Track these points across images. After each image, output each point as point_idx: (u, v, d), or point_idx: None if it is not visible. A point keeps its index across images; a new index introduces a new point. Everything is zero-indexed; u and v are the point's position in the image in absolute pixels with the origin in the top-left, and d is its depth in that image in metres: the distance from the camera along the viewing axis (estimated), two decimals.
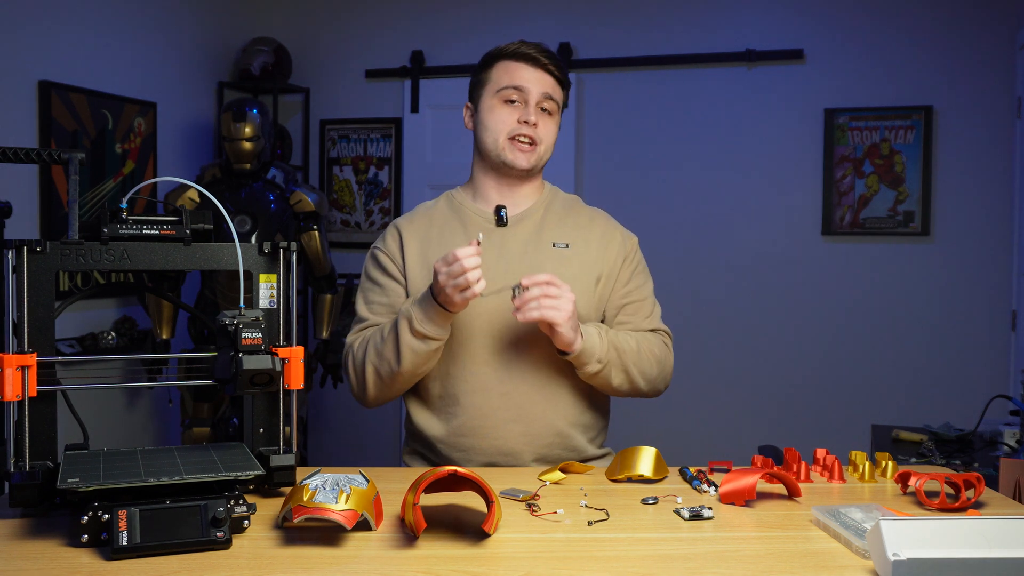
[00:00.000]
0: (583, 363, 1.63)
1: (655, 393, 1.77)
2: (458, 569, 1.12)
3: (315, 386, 4.32)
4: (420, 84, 4.48)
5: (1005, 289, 3.89)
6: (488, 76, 1.75)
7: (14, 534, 1.21)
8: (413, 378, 1.69)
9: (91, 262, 1.32)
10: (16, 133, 3.28)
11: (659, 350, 1.75)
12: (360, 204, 4.66)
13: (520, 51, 1.73)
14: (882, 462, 1.59)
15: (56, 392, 1.33)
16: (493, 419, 1.69)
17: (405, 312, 1.62)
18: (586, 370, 1.65)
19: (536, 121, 1.71)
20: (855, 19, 4.02)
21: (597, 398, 1.79)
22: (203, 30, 4.30)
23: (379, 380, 1.68)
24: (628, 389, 1.71)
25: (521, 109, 1.72)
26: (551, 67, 1.73)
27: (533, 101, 1.71)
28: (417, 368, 1.65)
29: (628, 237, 1.83)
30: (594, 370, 1.64)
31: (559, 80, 1.75)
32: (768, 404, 4.15)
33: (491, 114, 1.73)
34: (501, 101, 1.73)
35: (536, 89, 1.72)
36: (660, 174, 4.25)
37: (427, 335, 1.59)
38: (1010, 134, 3.86)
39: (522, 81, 1.71)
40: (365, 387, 1.71)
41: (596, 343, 1.63)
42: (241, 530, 1.22)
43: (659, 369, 1.75)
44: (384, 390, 1.70)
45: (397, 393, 1.72)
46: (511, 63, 1.73)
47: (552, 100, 1.74)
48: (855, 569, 1.12)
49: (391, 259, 1.76)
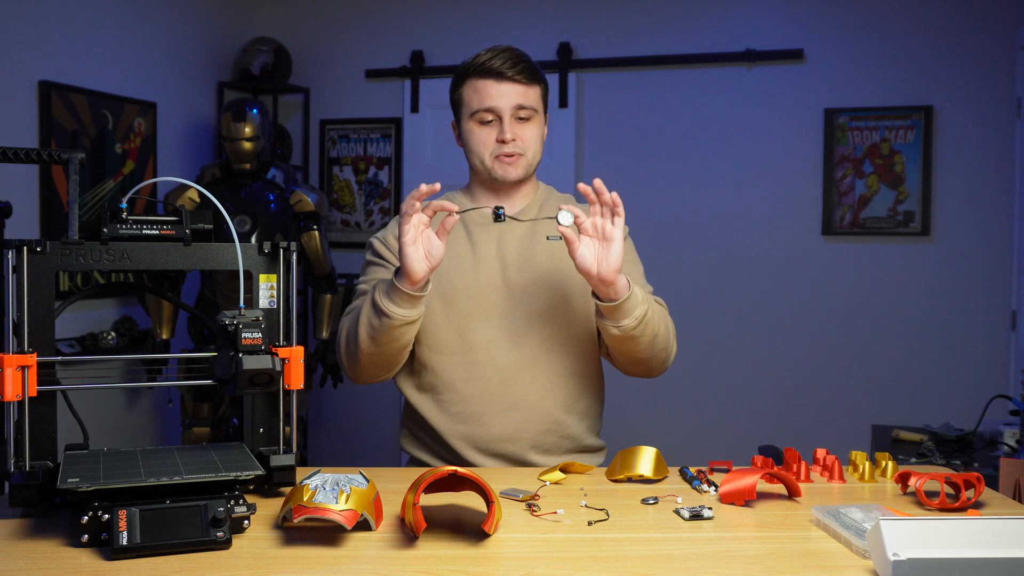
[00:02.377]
0: (624, 311, 1.56)
1: (664, 367, 1.73)
2: (458, 569, 1.12)
3: (315, 386, 4.32)
4: (420, 84, 4.48)
5: (1005, 289, 3.89)
6: (461, 97, 1.76)
7: (14, 534, 1.21)
8: (374, 357, 1.65)
9: (91, 262, 1.32)
10: (16, 133, 3.28)
11: (668, 319, 1.72)
12: (360, 204, 4.66)
13: (484, 66, 1.70)
14: (882, 462, 1.59)
15: (56, 392, 1.33)
16: (491, 407, 1.71)
17: (375, 283, 1.63)
18: (631, 319, 1.57)
19: (513, 136, 1.71)
20: (855, 19, 4.02)
21: (593, 385, 1.80)
22: (203, 30, 4.30)
23: (348, 351, 1.68)
24: (646, 353, 1.66)
25: (498, 127, 1.71)
26: (516, 76, 1.70)
27: (507, 116, 1.70)
28: (376, 346, 1.62)
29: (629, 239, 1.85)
30: (631, 325, 1.57)
31: (529, 82, 1.72)
32: (768, 404, 4.15)
33: (471, 137, 1.74)
34: (477, 124, 1.73)
35: (506, 103, 1.70)
36: (660, 174, 4.25)
37: (383, 309, 1.57)
38: (1010, 134, 3.86)
39: (490, 101, 1.70)
40: (340, 353, 1.71)
41: (639, 295, 1.58)
42: (241, 530, 1.22)
43: (673, 341, 1.73)
44: (354, 364, 1.68)
45: (366, 372, 1.69)
46: (477, 81, 1.72)
47: (526, 107, 1.72)
48: (855, 569, 1.12)
49: (387, 248, 1.78)
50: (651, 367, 1.71)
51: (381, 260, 1.79)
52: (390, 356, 1.66)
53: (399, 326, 1.59)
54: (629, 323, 1.58)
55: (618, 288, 1.55)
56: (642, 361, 1.68)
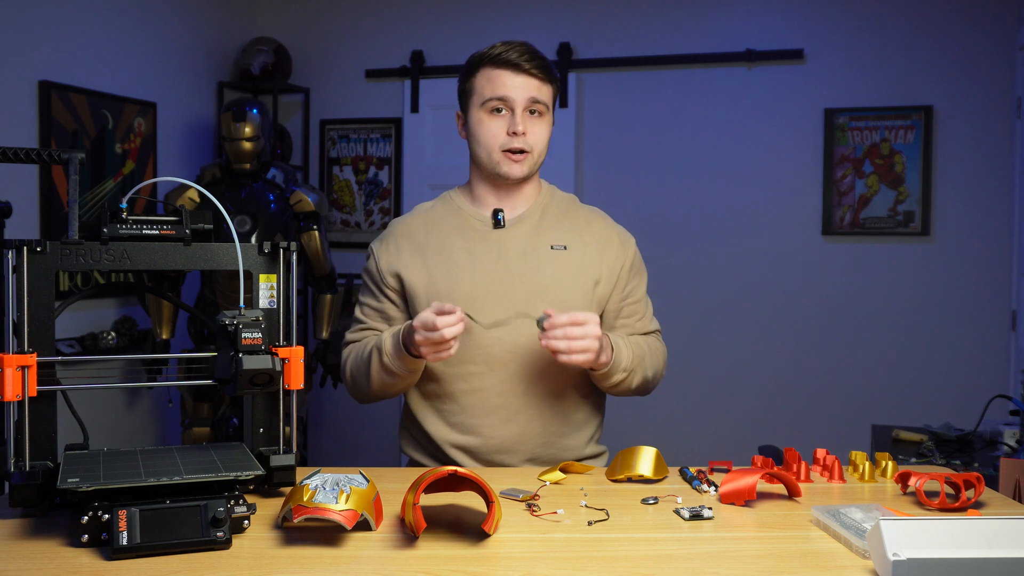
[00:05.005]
0: (610, 375, 1.66)
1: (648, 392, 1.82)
2: (458, 569, 1.12)
3: (315, 386, 4.31)
4: (420, 84, 4.48)
5: (1005, 289, 3.89)
6: (472, 85, 1.73)
7: (14, 534, 1.21)
8: (387, 395, 1.75)
9: (91, 262, 1.32)
10: (16, 133, 3.28)
11: (660, 349, 1.82)
12: (360, 204, 4.66)
13: (501, 57, 1.68)
14: (882, 462, 1.59)
15: (56, 392, 1.33)
16: (490, 419, 1.70)
17: (380, 341, 1.67)
18: (611, 380, 1.68)
19: (524, 129, 1.68)
20: (855, 19, 4.02)
21: (593, 397, 1.79)
22: (203, 30, 4.30)
23: (356, 388, 1.77)
24: (637, 390, 1.75)
25: (508, 118, 1.69)
26: (533, 70, 1.68)
27: (519, 109, 1.68)
28: (386, 389, 1.71)
29: (626, 239, 1.82)
30: (619, 379, 1.67)
31: (544, 79, 1.71)
32: (768, 404, 4.15)
33: (480, 127, 1.71)
34: (488, 113, 1.70)
35: (521, 96, 1.68)
36: (660, 174, 4.25)
37: (393, 371, 1.65)
38: (1010, 134, 3.86)
39: (505, 90, 1.67)
40: (349, 389, 1.80)
41: (624, 354, 1.66)
42: (241, 530, 1.22)
43: (663, 368, 1.82)
44: (364, 396, 1.78)
45: (376, 400, 1.78)
46: (492, 71, 1.69)
47: (539, 103, 1.70)
48: (855, 569, 1.12)
49: (377, 273, 1.78)
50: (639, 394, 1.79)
51: (372, 282, 1.80)
52: (401, 391, 1.75)
53: (409, 374, 1.67)
54: (617, 378, 1.67)
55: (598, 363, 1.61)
56: (629, 393, 1.77)
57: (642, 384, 1.74)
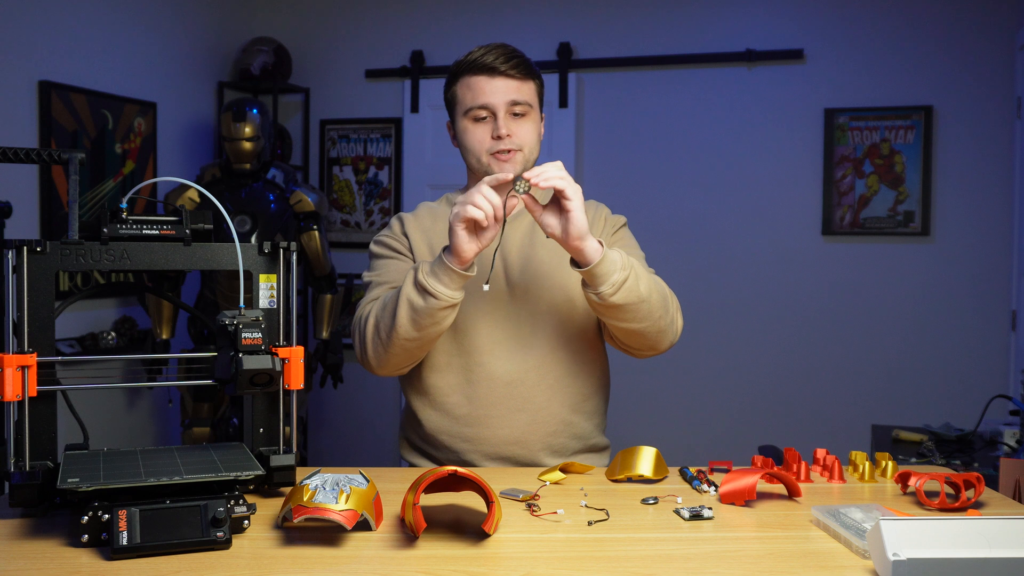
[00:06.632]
0: (606, 273, 1.51)
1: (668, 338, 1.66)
2: (458, 569, 1.12)
3: (315, 386, 4.32)
4: (420, 84, 4.48)
5: (1004, 289, 3.89)
6: (455, 95, 1.74)
7: (14, 534, 1.21)
8: (410, 344, 1.59)
9: (91, 262, 1.32)
10: (16, 133, 3.28)
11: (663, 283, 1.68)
12: (360, 204, 4.66)
13: (477, 62, 1.69)
14: (882, 462, 1.59)
15: (56, 392, 1.33)
16: (499, 408, 1.70)
17: (415, 266, 1.58)
18: (606, 286, 1.52)
19: (508, 132, 1.68)
20: (855, 19, 4.02)
21: (599, 382, 1.79)
22: (203, 30, 4.30)
23: (377, 337, 1.62)
24: (642, 326, 1.59)
25: (492, 123, 1.69)
26: (510, 71, 1.68)
27: (501, 112, 1.68)
28: (417, 330, 1.56)
29: (613, 219, 1.81)
30: (620, 278, 1.52)
31: (523, 78, 1.70)
32: (768, 404, 4.15)
33: (466, 135, 1.72)
34: (472, 121, 1.71)
35: (500, 100, 1.68)
36: (660, 174, 4.26)
37: (427, 288, 1.53)
38: (1010, 134, 3.86)
39: (484, 97, 1.68)
40: (365, 344, 1.64)
41: (616, 255, 1.54)
42: (241, 530, 1.22)
43: (674, 307, 1.68)
44: (385, 351, 1.62)
45: (396, 360, 1.64)
46: (470, 78, 1.70)
47: (520, 103, 1.70)
48: (855, 569, 1.12)
49: (396, 239, 1.77)
50: (653, 340, 1.63)
51: (395, 254, 1.77)
52: (427, 342, 1.61)
53: (444, 307, 1.54)
54: (607, 289, 1.52)
55: (589, 253, 1.50)
56: (638, 333, 1.61)
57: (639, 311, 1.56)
